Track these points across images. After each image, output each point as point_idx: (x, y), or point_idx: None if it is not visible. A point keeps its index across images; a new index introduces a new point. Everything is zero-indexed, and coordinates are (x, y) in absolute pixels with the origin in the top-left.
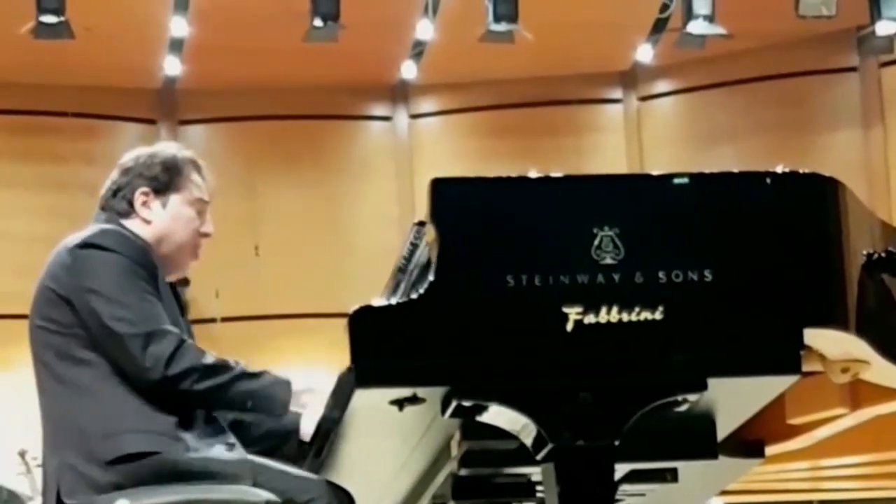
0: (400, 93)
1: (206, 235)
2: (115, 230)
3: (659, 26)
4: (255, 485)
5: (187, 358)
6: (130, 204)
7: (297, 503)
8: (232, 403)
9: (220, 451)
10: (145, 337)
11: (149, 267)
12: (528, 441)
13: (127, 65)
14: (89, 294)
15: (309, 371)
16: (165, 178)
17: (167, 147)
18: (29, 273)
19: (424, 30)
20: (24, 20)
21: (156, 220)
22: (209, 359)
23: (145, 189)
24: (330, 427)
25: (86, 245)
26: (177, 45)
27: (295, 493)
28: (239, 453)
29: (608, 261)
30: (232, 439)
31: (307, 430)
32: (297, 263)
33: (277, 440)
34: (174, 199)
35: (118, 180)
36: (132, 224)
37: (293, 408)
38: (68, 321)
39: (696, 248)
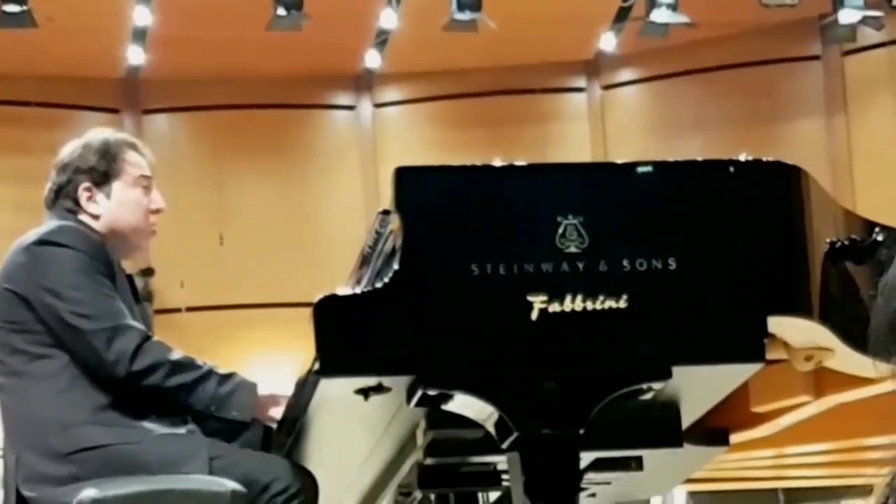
0: (364, 82)
1: (157, 211)
2: (72, 227)
3: (622, 15)
4: (216, 469)
5: (152, 353)
6: (76, 202)
7: (260, 484)
8: (196, 402)
9: (178, 434)
10: (108, 332)
11: (105, 261)
12: (493, 430)
13: (90, 54)
14: (47, 292)
15: (274, 361)
16: (103, 167)
17: (97, 134)
18: None
19: (388, 19)
20: None
21: (103, 212)
22: (175, 355)
23: (86, 184)
24: (295, 417)
25: (42, 242)
26: (140, 35)
27: (258, 475)
28: (197, 437)
29: (572, 249)
30: (192, 426)
31: (265, 413)
32: (261, 253)
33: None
34: (116, 186)
35: (57, 179)
36: (82, 219)
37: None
38: (26, 319)
39: (660, 236)
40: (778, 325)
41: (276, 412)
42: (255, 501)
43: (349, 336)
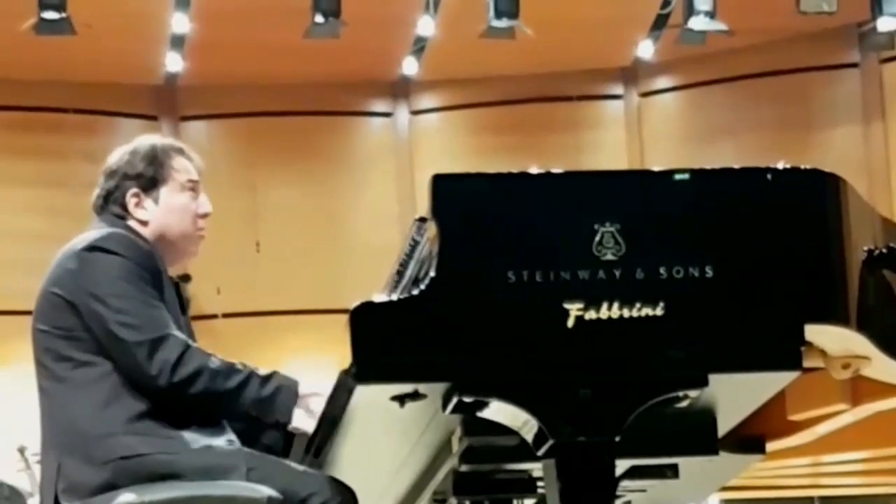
0: (401, 89)
1: (205, 216)
2: (122, 234)
3: (660, 22)
4: (253, 481)
5: (193, 363)
6: (124, 208)
7: (298, 497)
8: (238, 409)
9: (218, 444)
10: (151, 343)
11: (153, 270)
12: (528, 437)
13: (128, 61)
14: (94, 299)
15: (310, 368)
16: (150, 173)
17: (144, 140)
18: (29, 270)
19: (425, 26)
20: (26, 17)
21: (151, 218)
22: (215, 363)
23: (134, 190)
24: (330, 426)
25: (92, 248)
26: (178, 42)
27: (296, 488)
28: (235, 449)
29: (609, 257)
30: (231, 436)
31: (298, 424)
32: (297, 260)
33: (260, 428)
34: (164, 192)
35: (105, 185)
36: (130, 225)
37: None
38: (71, 325)
39: (696, 244)
40: (815, 333)
41: (318, 404)
42: None
43: (385, 343)
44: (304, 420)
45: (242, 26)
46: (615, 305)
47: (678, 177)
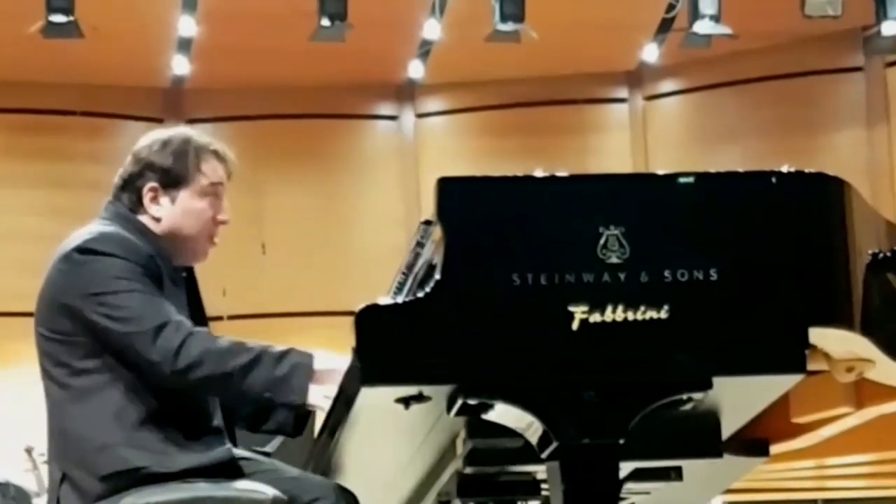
0: (406, 92)
1: (222, 223)
2: (115, 233)
3: (665, 26)
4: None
5: (197, 346)
6: (139, 198)
7: (302, 502)
8: (250, 391)
9: (214, 454)
10: (152, 332)
11: (150, 266)
12: (533, 439)
13: (135, 64)
14: (88, 300)
15: None
16: (175, 171)
17: (181, 133)
18: (34, 271)
19: (431, 29)
20: (34, 19)
21: (165, 216)
22: (222, 343)
23: (153, 185)
24: (346, 405)
25: (83, 250)
26: (185, 45)
27: (298, 493)
28: (232, 459)
29: (614, 260)
30: (228, 445)
31: (314, 401)
32: (303, 262)
33: (270, 408)
34: (183, 195)
35: (129, 168)
36: (142, 219)
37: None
38: (68, 329)
39: (701, 247)
40: (819, 336)
41: (331, 388)
42: None
43: (390, 345)
44: (319, 398)
45: (249, 29)
46: (620, 308)
47: (682, 180)
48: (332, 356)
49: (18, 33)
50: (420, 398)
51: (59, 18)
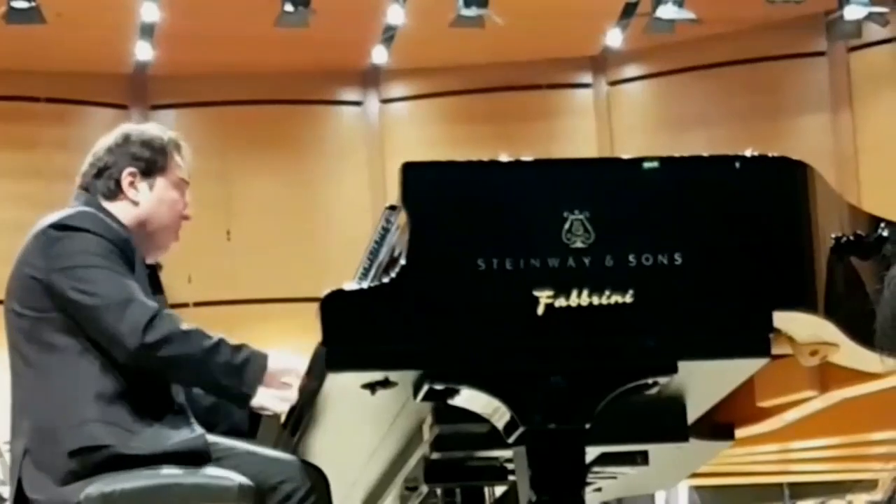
0: (371, 78)
1: (186, 218)
2: (92, 213)
3: (628, 11)
4: (223, 468)
5: (164, 325)
6: (117, 184)
7: (268, 485)
8: (209, 375)
9: (184, 436)
10: (120, 306)
11: (124, 248)
12: (499, 424)
13: (98, 50)
14: (61, 274)
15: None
16: (152, 160)
17: (152, 128)
18: (2, 260)
19: (395, 15)
20: None
21: (142, 201)
22: (187, 326)
23: (132, 169)
24: (309, 400)
25: (59, 227)
26: (148, 31)
27: (266, 476)
28: (202, 440)
29: (578, 244)
30: (198, 428)
31: (262, 401)
32: (268, 248)
33: (225, 407)
34: (160, 182)
35: (104, 158)
36: (117, 206)
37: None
38: (42, 305)
39: (665, 231)
40: (783, 319)
41: (287, 383)
42: (264, 502)
43: (356, 331)
44: (267, 399)
45: (212, 15)
46: (584, 293)
47: (647, 165)
48: (288, 355)
49: None
50: (386, 384)
51: (21, 4)
